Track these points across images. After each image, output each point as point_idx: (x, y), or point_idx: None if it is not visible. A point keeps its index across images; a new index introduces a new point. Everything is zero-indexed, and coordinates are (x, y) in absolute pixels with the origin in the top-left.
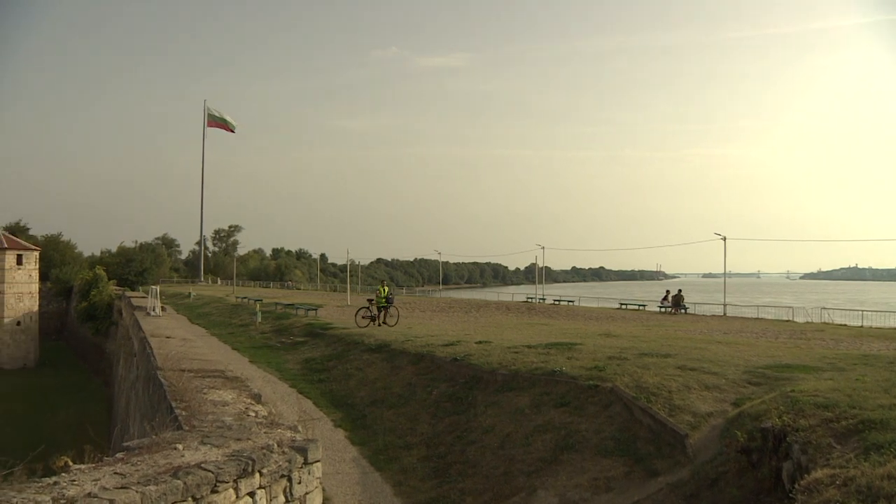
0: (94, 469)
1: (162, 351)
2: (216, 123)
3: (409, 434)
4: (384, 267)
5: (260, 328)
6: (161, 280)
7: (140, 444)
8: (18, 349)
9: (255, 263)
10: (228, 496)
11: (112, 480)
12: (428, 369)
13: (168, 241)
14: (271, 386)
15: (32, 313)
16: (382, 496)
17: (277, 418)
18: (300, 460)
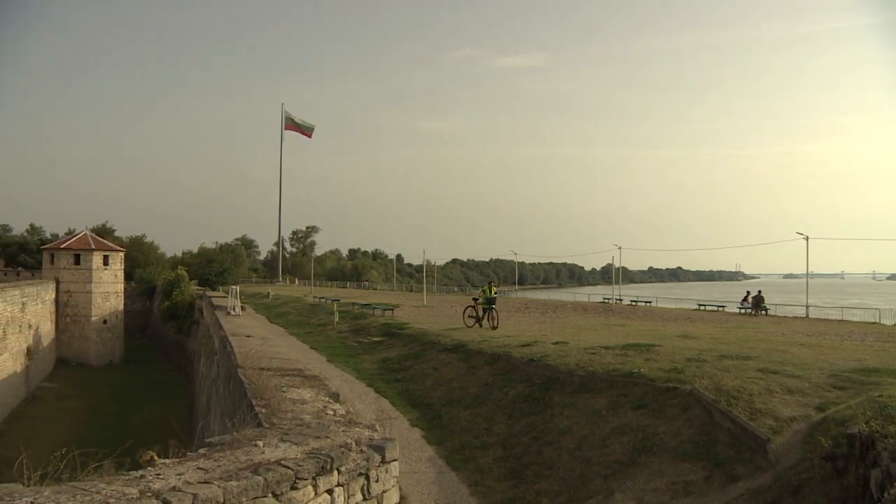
0: (177, 464)
1: (242, 349)
2: (294, 127)
3: (486, 434)
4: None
5: (337, 328)
6: (240, 280)
7: (222, 440)
8: (105, 346)
9: (332, 264)
10: (307, 493)
11: (195, 475)
12: (504, 370)
13: (247, 242)
14: (348, 385)
15: (118, 312)
16: (458, 496)
17: (355, 417)
18: (378, 459)
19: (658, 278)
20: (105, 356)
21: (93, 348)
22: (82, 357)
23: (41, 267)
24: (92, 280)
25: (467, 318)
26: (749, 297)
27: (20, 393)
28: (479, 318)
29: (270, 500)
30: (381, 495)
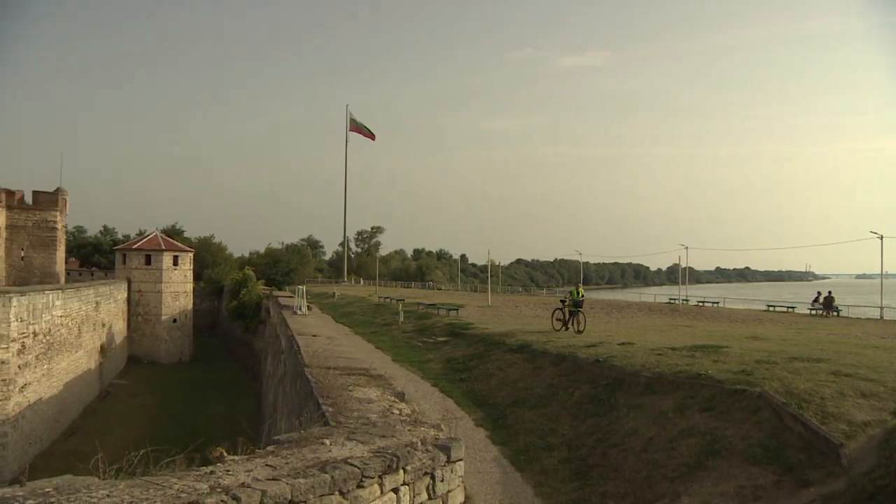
0: (246, 461)
1: (309, 349)
2: (357, 129)
3: (550, 435)
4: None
5: (402, 327)
6: (306, 280)
7: (289, 438)
8: (174, 345)
9: (397, 264)
10: (373, 492)
11: (264, 472)
12: (570, 370)
13: (313, 243)
14: (414, 384)
15: (187, 311)
16: (523, 497)
17: (420, 416)
18: (443, 458)
19: (725, 278)
20: (174, 354)
21: (163, 346)
22: (153, 355)
23: (114, 267)
24: (162, 280)
25: (555, 321)
26: (820, 297)
27: (94, 389)
28: (567, 321)
29: (337, 498)
30: (447, 495)
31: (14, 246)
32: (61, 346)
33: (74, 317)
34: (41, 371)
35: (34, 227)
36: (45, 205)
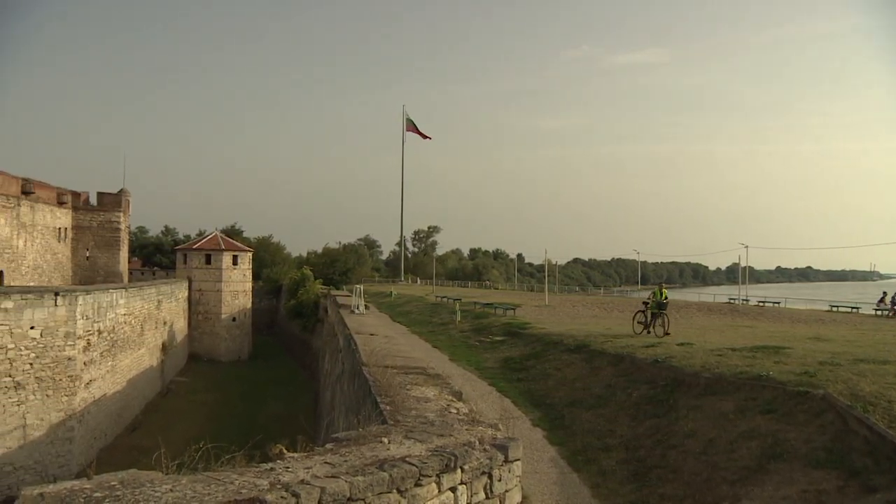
0: (305, 458)
1: (366, 348)
2: (414, 129)
3: (608, 436)
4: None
5: (459, 327)
6: (363, 279)
7: (348, 436)
8: (233, 343)
9: (453, 263)
10: (431, 490)
11: (322, 469)
12: (627, 370)
13: (370, 242)
14: (471, 384)
15: (246, 310)
16: (580, 498)
17: (478, 416)
18: (501, 458)
19: (786, 278)
20: (234, 352)
21: (222, 345)
22: (213, 353)
23: (175, 266)
24: (222, 279)
25: (636, 324)
26: (886, 298)
27: (156, 386)
28: (648, 323)
29: (395, 496)
30: (504, 495)
31: (80, 246)
32: (125, 343)
33: (137, 315)
34: (105, 368)
35: (99, 227)
36: (109, 206)
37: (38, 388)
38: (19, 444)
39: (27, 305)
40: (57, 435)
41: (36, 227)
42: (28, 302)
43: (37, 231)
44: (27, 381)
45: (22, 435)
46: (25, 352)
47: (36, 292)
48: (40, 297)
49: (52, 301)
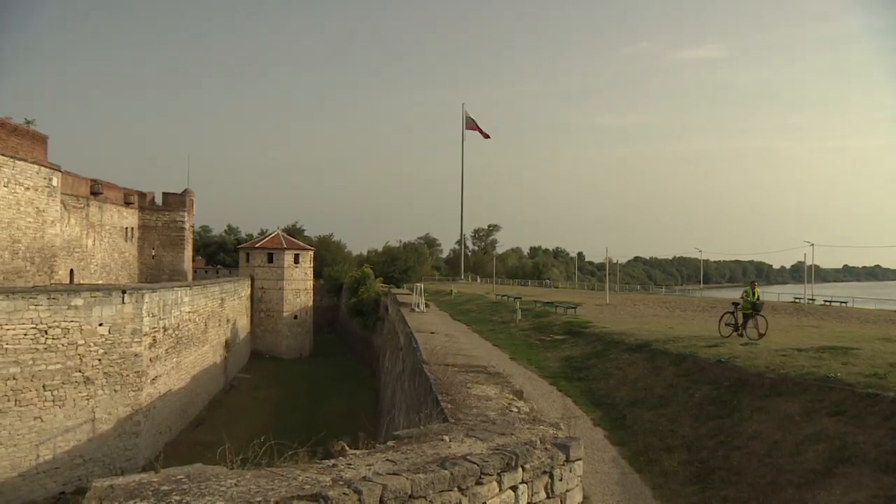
0: (367, 455)
1: (427, 346)
2: (474, 126)
3: (670, 436)
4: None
5: (520, 325)
6: (423, 278)
7: (409, 433)
8: (295, 340)
9: (514, 262)
10: (492, 489)
11: (384, 466)
12: (690, 370)
13: (430, 241)
14: (531, 383)
15: (307, 308)
16: (642, 499)
17: (539, 415)
18: (562, 457)
19: (854, 277)
20: (295, 350)
21: (284, 342)
22: (274, 350)
23: (238, 265)
24: (284, 277)
25: (723, 326)
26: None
27: (219, 382)
28: (739, 325)
29: (456, 494)
30: (565, 494)
31: (146, 245)
32: (189, 340)
33: (201, 313)
34: (171, 364)
35: (164, 226)
36: (173, 206)
37: (107, 384)
38: (88, 438)
39: (96, 303)
40: (124, 429)
41: (104, 227)
42: (97, 299)
43: (105, 231)
44: (96, 376)
45: (91, 429)
46: (94, 348)
47: (104, 290)
48: (108, 295)
49: (120, 299)
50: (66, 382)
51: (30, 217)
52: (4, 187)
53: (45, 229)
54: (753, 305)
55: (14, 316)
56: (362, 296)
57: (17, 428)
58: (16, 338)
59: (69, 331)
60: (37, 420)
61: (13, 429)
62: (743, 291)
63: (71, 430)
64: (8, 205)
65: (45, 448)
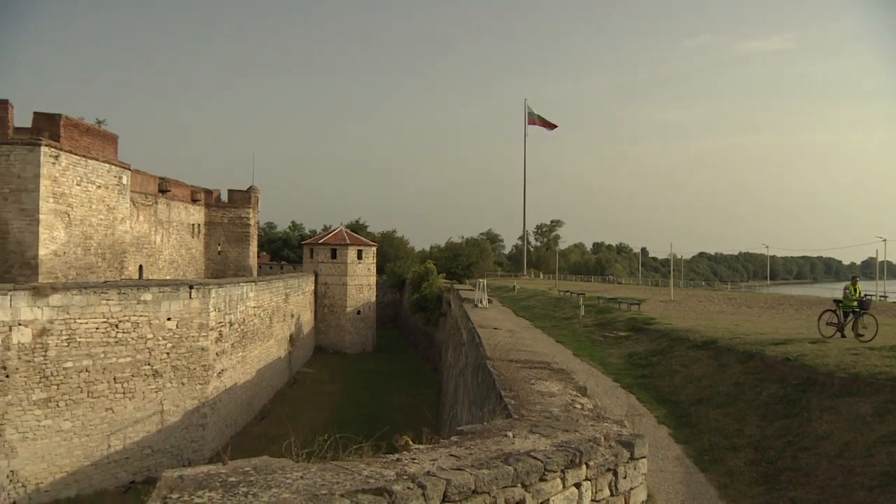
0: (431, 450)
1: (490, 341)
2: (537, 121)
3: (736, 435)
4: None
5: (583, 321)
6: (486, 273)
7: (472, 429)
8: (358, 336)
9: (576, 258)
10: (555, 485)
11: (448, 461)
12: (757, 368)
13: (492, 237)
14: (594, 379)
15: (370, 303)
16: (707, 498)
17: (603, 412)
18: (626, 455)
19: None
20: (358, 345)
21: (347, 337)
22: (338, 345)
23: (301, 260)
24: (347, 273)
25: (824, 326)
26: None
27: (284, 376)
28: (842, 325)
29: (519, 490)
30: (629, 492)
31: (212, 241)
32: (254, 335)
33: (266, 308)
34: (236, 358)
35: (229, 223)
36: (239, 202)
37: (174, 377)
38: (157, 429)
39: (164, 298)
40: (191, 421)
41: (172, 224)
42: (165, 294)
43: (172, 227)
44: (164, 369)
45: (160, 420)
46: (163, 342)
47: (172, 285)
48: (176, 290)
49: (187, 294)
50: (136, 375)
51: (101, 214)
52: (77, 186)
53: (116, 226)
54: (861, 303)
55: (87, 310)
56: (425, 291)
57: (90, 419)
58: (88, 331)
59: (139, 325)
60: (108, 411)
61: (86, 419)
62: (844, 288)
63: (140, 421)
64: (80, 203)
65: (116, 438)
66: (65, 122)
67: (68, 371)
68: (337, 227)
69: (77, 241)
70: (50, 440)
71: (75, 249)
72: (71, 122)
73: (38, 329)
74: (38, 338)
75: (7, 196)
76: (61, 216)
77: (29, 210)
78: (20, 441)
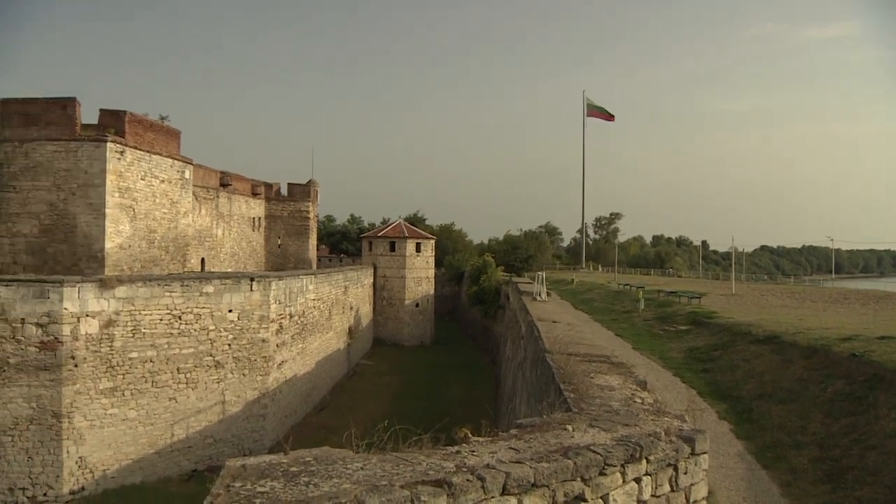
0: (490, 442)
1: (549, 335)
2: (595, 113)
3: (799, 432)
4: (769, 254)
5: (642, 315)
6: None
7: (531, 422)
8: (417, 328)
9: (635, 250)
10: (615, 480)
11: (507, 454)
12: (821, 364)
13: (550, 230)
14: (654, 373)
15: (429, 296)
16: (769, 496)
17: (663, 406)
18: (687, 450)
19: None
20: (416, 337)
21: (406, 329)
22: (396, 337)
23: (360, 253)
24: (405, 266)
25: None
26: None
27: (343, 368)
28: None
29: (579, 484)
30: (689, 488)
31: (272, 234)
32: (314, 327)
33: (325, 300)
34: (296, 350)
35: (289, 216)
36: (298, 196)
37: (236, 368)
38: (219, 419)
39: (226, 290)
40: (252, 412)
41: (233, 217)
42: (227, 287)
43: (233, 220)
44: (226, 360)
45: (221, 410)
46: (224, 333)
47: (233, 278)
48: (237, 283)
49: (248, 286)
50: (198, 366)
51: (164, 208)
52: (141, 180)
53: (179, 220)
54: None
55: (151, 302)
56: (483, 284)
57: (154, 408)
58: (152, 323)
59: (201, 316)
60: (171, 401)
61: (150, 408)
62: None
63: (202, 411)
64: (144, 197)
65: (179, 427)
66: (129, 118)
67: (133, 361)
68: (396, 220)
69: (141, 234)
70: (116, 428)
71: (140, 243)
72: (135, 119)
73: (104, 320)
74: (104, 329)
75: (75, 191)
76: (126, 210)
77: (96, 204)
78: (88, 428)
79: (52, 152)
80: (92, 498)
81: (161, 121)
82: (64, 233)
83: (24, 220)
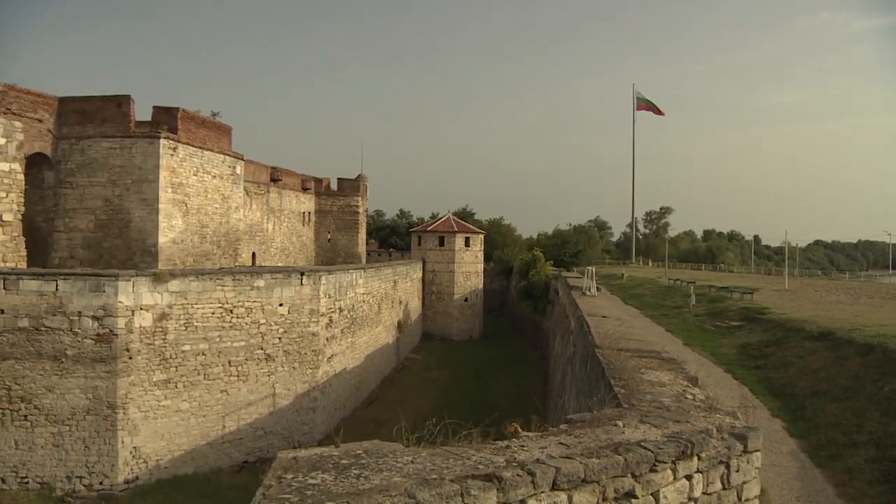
0: (540, 437)
1: (599, 330)
2: (646, 106)
3: (856, 431)
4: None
5: (693, 310)
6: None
7: (581, 417)
8: (465, 322)
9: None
10: (666, 477)
11: (557, 450)
12: (879, 362)
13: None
14: (705, 369)
15: (478, 291)
16: (823, 496)
17: (714, 403)
18: (739, 448)
19: None
20: (465, 332)
21: (454, 324)
22: (445, 332)
23: (409, 248)
24: (454, 260)
25: None
26: None
27: (392, 362)
28: None
29: (629, 481)
30: (741, 486)
31: (322, 229)
32: (363, 321)
33: (375, 294)
34: (345, 344)
35: (339, 211)
36: (348, 191)
37: (286, 361)
38: (269, 411)
39: (276, 284)
40: (302, 404)
41: (283, 212)
42: (277, 281)
43: (284, 215)
44: (276, 353)
45: (272, 403)
46: (275, 327)
47: (284, 272)
48: (288, 277)
49: (299, 280)
50: (249, 359)
51: (216, 203)
52: (194, 176)
53: (230, 215)
54: None
55: (203, 296)
56: (532, 279)
57: (206, 400)
58: (205, 316)
59: (252, 310)
60: (223, 393)
61: (202, 400)
62: None
63: (253, 403)
64: (197, 192)
65: (231, 419)
66: (182, 115)
67: (186, 354)
68: (444, 215)
69: (194, 229)
70: (169, 419)
71: (192, 237)
72: (188, 115)
73: (158, 313)
74: (158, 322)
75: (129, 187)
76: (179, 205)
77: (149, 200)
78: (142, 420)
79: (107, 149)
80: (145, 487)
81: (212, 117)
82: (119, 228)
83: (81, 216)
